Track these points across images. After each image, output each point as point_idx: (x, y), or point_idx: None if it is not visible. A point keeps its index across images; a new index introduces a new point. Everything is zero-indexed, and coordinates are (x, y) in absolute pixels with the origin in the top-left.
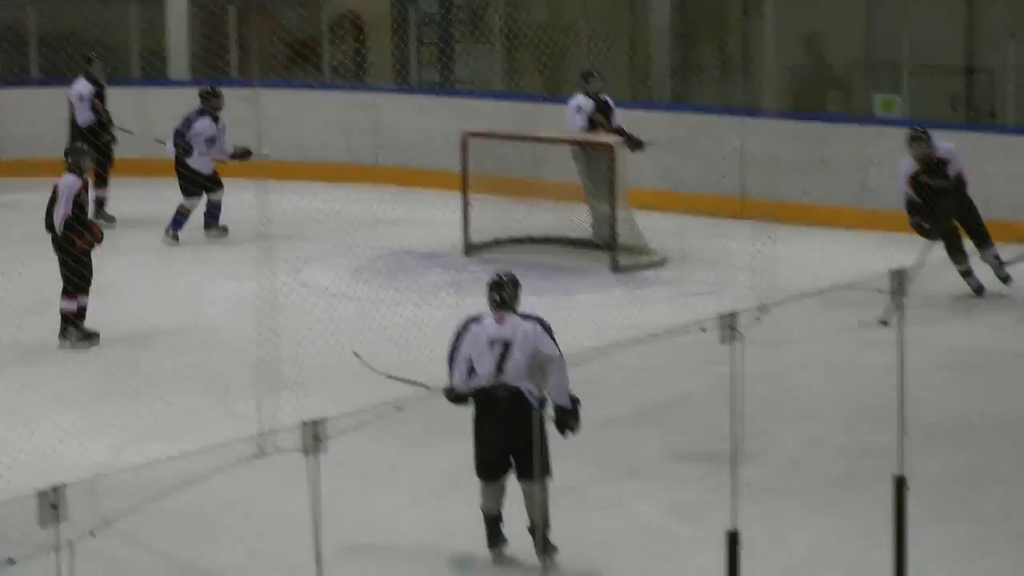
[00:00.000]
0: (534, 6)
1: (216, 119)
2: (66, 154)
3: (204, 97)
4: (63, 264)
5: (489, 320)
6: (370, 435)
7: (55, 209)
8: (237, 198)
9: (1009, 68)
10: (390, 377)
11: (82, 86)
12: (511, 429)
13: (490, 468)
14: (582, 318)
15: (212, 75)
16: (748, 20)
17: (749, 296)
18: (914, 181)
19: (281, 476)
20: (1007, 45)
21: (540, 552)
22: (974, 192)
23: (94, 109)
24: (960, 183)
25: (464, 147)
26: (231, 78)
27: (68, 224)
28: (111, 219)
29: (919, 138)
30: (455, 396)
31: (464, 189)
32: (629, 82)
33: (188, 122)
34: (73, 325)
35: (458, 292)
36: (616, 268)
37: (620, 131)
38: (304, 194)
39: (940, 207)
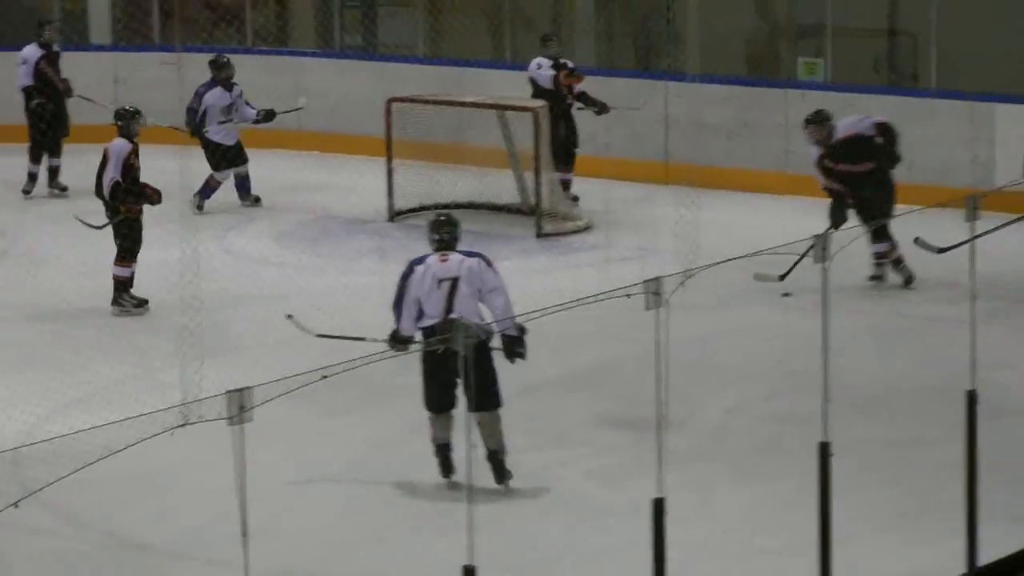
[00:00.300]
0: None
1: (230, 87)
2: (116, 118)
3: (214, 67)
4: (114, 229)
5: (433, 260)
6: (295, 404)
7: (104, 173)
8: (162, 165)
9: (931, 30)
10: (324, 336)
11: (28, 50)
12: (460, 363)
13: (440, 403)
14: (507, 284)
15: (134, 39)
16: None
17: (674, 261)
18: (821, 166)
19: (206, 445)
20: (929, 7)
21: (497, 478)
22: None
23: (38, 74)
24: (888, 136)
25: (388, 112)
26: (153, 43)
27: (115, 188)
28: (64, 188)
29: (810, 122)
30: (400, 340)
31: (388, 154)
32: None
33: (198, 96)
34: (126, 291)
35: (382, 258)
36: (541, 234)
37: (583, 95)
38: None
39: (859, 195)
